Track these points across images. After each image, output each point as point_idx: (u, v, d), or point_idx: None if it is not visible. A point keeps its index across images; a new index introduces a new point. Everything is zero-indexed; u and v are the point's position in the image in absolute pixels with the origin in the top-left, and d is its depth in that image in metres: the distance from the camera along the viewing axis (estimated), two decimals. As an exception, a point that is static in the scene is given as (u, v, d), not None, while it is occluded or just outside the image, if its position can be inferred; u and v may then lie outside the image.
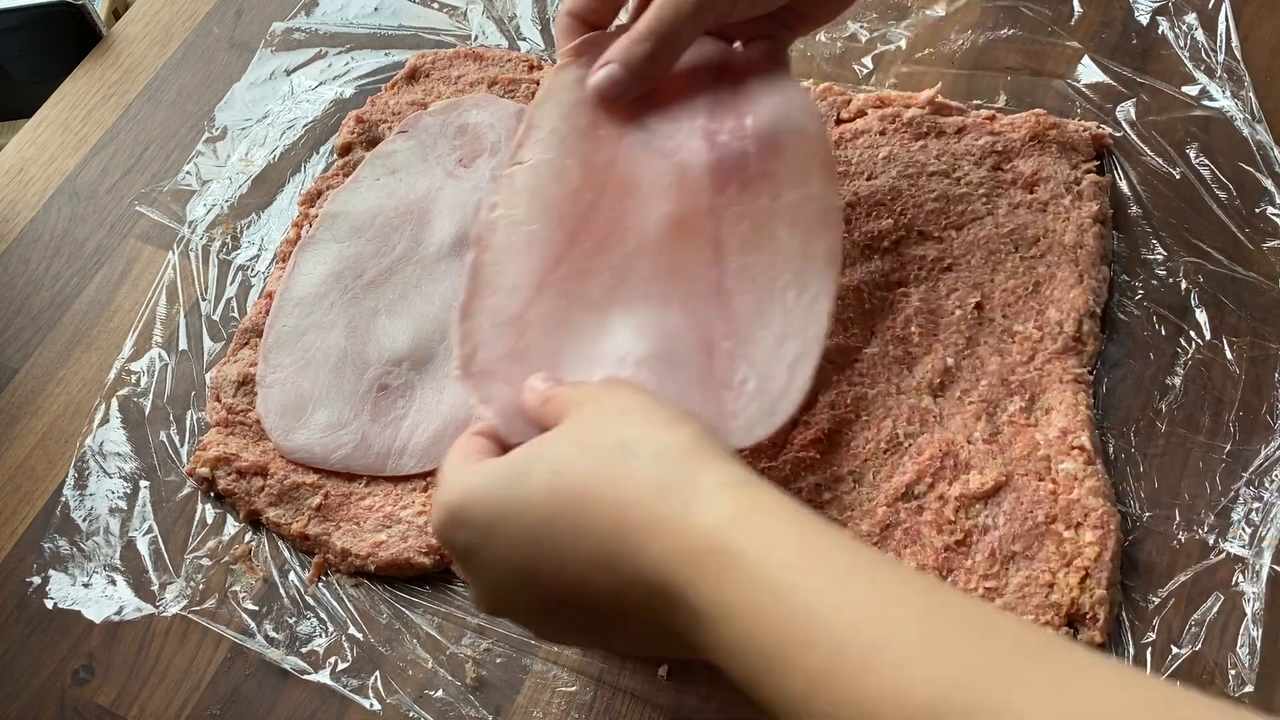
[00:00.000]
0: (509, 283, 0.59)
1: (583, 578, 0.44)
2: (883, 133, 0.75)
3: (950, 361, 0.66)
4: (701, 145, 0.62)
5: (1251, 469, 0.62)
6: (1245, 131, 0.73)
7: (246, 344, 0.73)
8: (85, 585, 0.67)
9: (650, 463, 0.43)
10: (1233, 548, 0.60)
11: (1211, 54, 0.76)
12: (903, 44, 0.81)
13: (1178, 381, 0.65)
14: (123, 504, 0.70)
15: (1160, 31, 0.78)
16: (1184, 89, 0.75)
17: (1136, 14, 0.79)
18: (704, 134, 0.63)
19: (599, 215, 0.61)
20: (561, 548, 0.44)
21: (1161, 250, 0.70)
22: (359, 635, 0.63)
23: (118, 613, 0.66)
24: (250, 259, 0.79)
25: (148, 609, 0.66)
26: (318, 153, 0.83)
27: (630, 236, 0.61)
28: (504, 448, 0.52)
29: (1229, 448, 0.63)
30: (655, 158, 0.62)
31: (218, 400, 0.71)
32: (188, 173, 0.84)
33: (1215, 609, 0.58)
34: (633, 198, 0.61)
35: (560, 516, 0.44)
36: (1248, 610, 0.58)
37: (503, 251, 0.60)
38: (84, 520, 0.69)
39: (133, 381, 0.74)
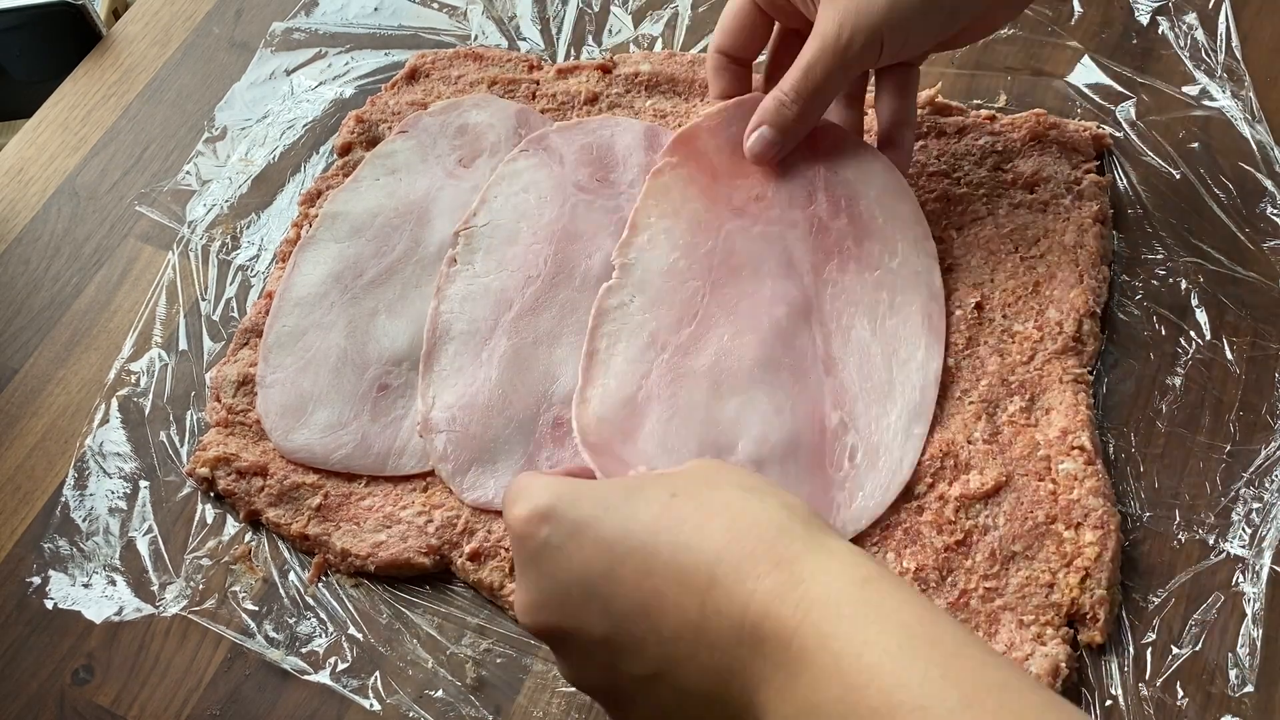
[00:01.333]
0: (464, 328, 0.68)
1: (666, 595, 0.41)
2: (883, 133, 0.75)
3: (950, 361, 0.66)
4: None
5: (1251, 469, 0.62)
6: (1245, 131, 0.73)
7: (246, 344, 0.73)
8: (85, 585, 0.67)
9: (776, 509, 0.42)
10: (1233, 548, 0.60)
11: (1211, 54, 0.76)
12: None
13: (1178, 381, 0.65)
14: (123, 504, 0.69)
15: (1160, 31, 0.78)
16: (1184, 89, 0.75)
17: (1136, 14, 0.79)
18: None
19: (556, 267, 0.69)
20: (656, 559, 0.41)
21: (1161, 250, 0.70)
22: (359, 635, 0.63)
23: (118, 613, 0.66)
24: (250, 259, 0.79)
25: (148, 609, 0.66)
26: (318, 153, 0.83)
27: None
28: None
29: (1229, 448, 0.63)
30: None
31: (218, 400, 0.71)
32: (188, 173, 0.84)
33: (1215, 609, 0.58)
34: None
35: (665, 530, 0.42)
36: (1248, 610, 0.58)
37: (458, 300, 0.69)
38: (84, 520, 0.69)
39: (133, 381, 0.74)
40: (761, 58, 0.71)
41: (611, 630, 0.43)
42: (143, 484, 0.70)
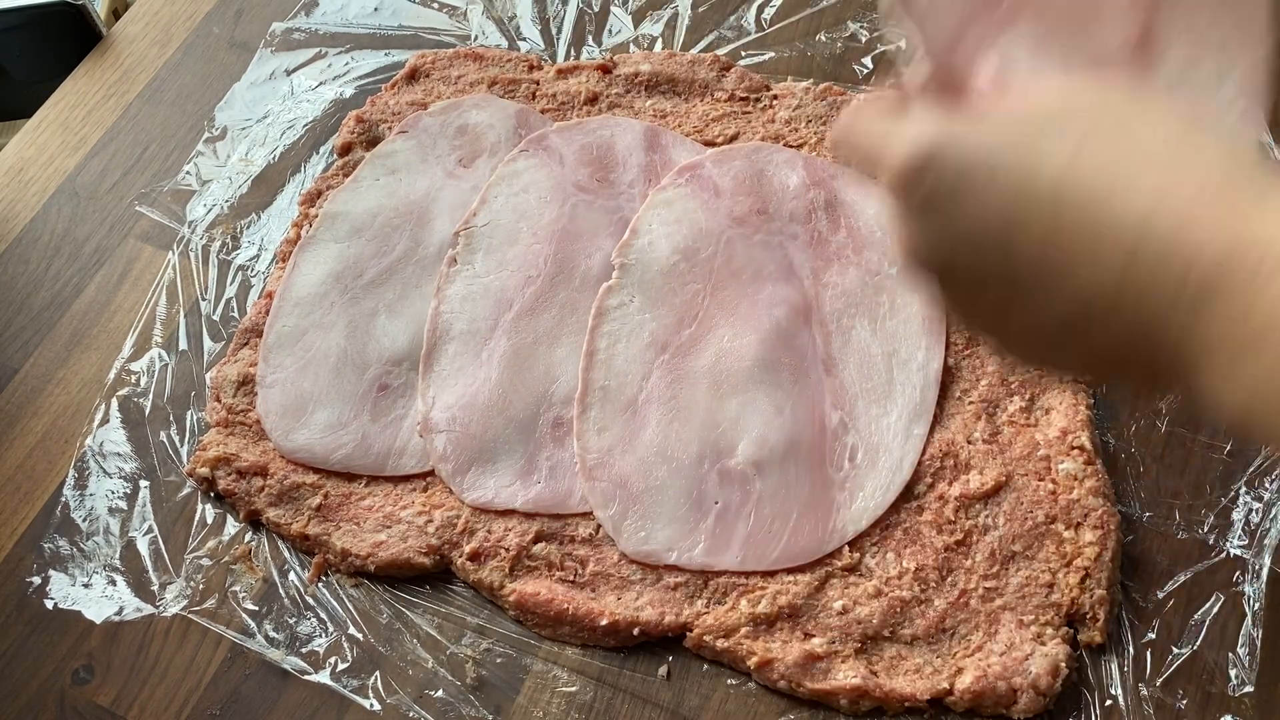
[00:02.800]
0: (464, 328, 0.69)
1: (1079, 253, 0.36)
2: (883, 133, 0.75)
3: (950, 361, 0.66)
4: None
5: (1251, 469, 0.62)
6: (1245, 131, 0.72)
7: (246, 344, 0.73)
8: (85, 585, 0.67)
9: (1225, 147, 0.35)
10: (1233, 548, 0.60)
11: (1211, 54, 0.76)
12: (903, 44, 0.81)
13: (1178, 381, 0.65)
14: (123, 504, 0.69)
15: (1160, 31, 0.78)
16: (1184, 89, 0.75)
17: (1136, 14, 0.79)
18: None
19: (556, 267, 0.71)
20: (1067, 213, 0.36)
21: (1161, 250, 0.70)
22: (359, 635, 0.63)
23: (118, 613, 0.66)
24: (250, 259, 0.79)
25: (148, 609, 0.66)
26: (318, 153, 0.83)
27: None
28: None
29: (1229, 448, 0.63)
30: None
31: (218, 400, 0.71)
32: (188, 173, 0.84)
33: (1215, 609, 0.58)
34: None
35: (1081, 178, 0.36)
36: (1248, 610, 0.58)
37: (458, 300, 0.70)
38: (84, 520, 0.69)
39: (133, 381, 0.74)
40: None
41: (1008, 287, 0.38)
42: (143, 484, 0.70)
